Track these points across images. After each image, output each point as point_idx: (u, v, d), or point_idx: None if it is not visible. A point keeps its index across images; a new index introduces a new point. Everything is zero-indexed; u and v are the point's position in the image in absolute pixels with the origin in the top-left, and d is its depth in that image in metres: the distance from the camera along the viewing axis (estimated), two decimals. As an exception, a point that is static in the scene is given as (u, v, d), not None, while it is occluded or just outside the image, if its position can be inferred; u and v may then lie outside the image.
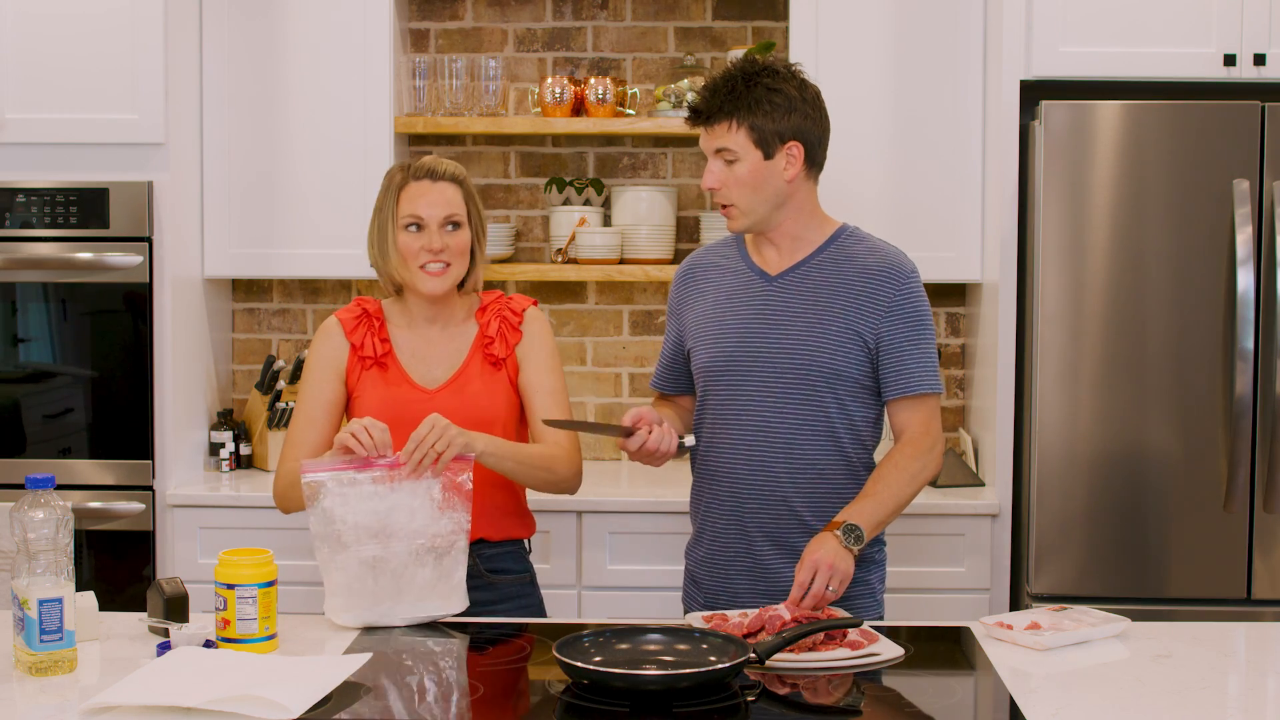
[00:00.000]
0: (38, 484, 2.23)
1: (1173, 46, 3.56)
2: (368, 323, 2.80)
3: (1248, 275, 3.40)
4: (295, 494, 2.64)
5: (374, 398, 2.74)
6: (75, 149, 3.74)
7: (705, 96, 2.66)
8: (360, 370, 2.77)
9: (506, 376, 2.77)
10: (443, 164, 2.77)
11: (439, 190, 2.73)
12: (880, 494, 2.59)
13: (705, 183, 2.69)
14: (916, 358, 2.68)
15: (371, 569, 2.48)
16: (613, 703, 2.09)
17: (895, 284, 2.68)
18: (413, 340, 2.79)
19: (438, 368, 2.77)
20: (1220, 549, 3.48)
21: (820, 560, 2.46)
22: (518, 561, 2.82)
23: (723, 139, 2.64)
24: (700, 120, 2.68)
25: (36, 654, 2.21)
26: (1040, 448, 3.51)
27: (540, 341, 2.80)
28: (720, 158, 2.66)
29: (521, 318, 2.80)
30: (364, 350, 2.77)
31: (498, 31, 4.26)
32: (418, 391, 2.74)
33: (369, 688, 2.19)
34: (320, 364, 2.79)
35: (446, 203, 2.73)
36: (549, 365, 2.79)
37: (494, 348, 2.76)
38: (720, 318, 2.73)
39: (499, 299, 2.84)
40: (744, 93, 2.63)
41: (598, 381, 4.29)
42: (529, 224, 4.29)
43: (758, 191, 2.65)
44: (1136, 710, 2.09)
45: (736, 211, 2.68)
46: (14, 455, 3.76)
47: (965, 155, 3.86)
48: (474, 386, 2.74)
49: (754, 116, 2.62)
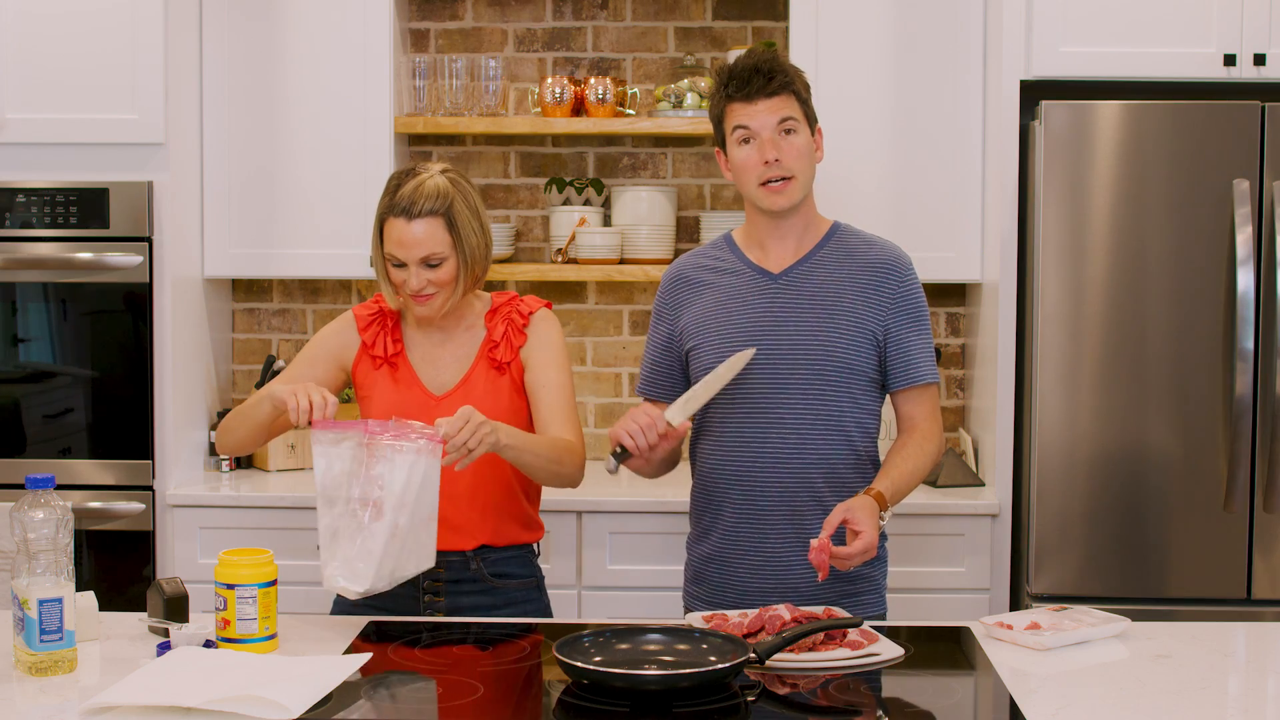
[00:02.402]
0: (38, 484, 2.23)
1: (1173, 46, 3.56)
2: (382, 321, 2.78)
3: (1248, 275, 3.40)
4: (235, 434, 2.69)
5: (382, 398, 2.74)
6: (75, 149, 3.74)
7: (765, 70, 2.63)
8: (371, 368, 2.77)
9: (511, 380, 2.74)
10: (422, 193, 2.63)
11: (414, 230, 2.62)
12: (904, 471, 2.65)
13: (768, 154, 2.62)
14: (919, 348, 2.71)
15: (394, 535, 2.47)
16: (613, 703, 2.09)
17: (898, 277, 2.71)
18: (425, 342, 2.77)
19: (446, 371, 2.75)
20: (1220, 549, 3.48)
21: (857, 515, 2.49)
22: (523, 565, 2.80)
23: (788, 108, 2.64)
24: (764, 91, 2.63)
25: (36, 654, 2.21)
26: (1040, 448, 3.51)
27: (546, 341, 2.77)
28: (782, 128, 2.64)
29: (528, 320, 2.76)
30: (375, 349, 2.76)
31: (498, 31, 4.26)
32: (425, 396, 2.73)
33: (369, 688, 2.19)
34: (323, 346, 2.80)
35: (421, 243, 2.63)
36: (554, 363, 2.76)
37: (497, 352, 2.74)
38: (725, 318, 2.72)
39: (511, 301, 2.80)
40: (790, 69, 2.67)
41: (598, 381, 4.29)
42: (529, 224, 4.30)
43: (811, 164, 2.69)
44: (1136, 710, 2.09)
45: (796, 184, 2.66)
46: (14, 455, 3.76)
47: (965, 155, 3.86)
48: (478, 392, 2.71)
49: (802, 91, 2.68)
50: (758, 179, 2.66)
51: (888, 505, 2.58)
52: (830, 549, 2.45)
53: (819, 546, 2.44)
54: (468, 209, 2.67)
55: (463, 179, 2.71)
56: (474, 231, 2.67)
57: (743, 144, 2.66)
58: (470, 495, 2.70)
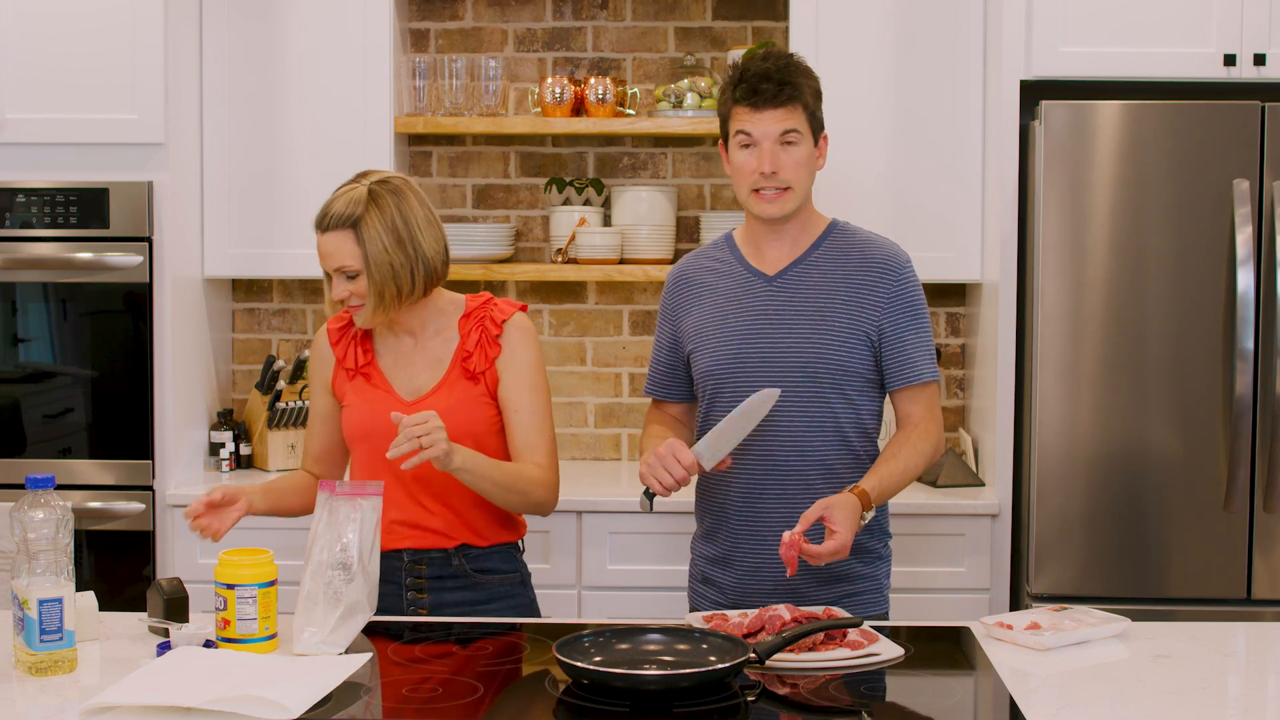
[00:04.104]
0: (38, 484, 2.23)
1: (1173, 46, 3.56)
2: (352, 332, 2.78)
3: (1248, 275, 3.40)
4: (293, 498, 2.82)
5: (357, 408, 2.75)
6: (75, 149, 3.74)
7: (777, 78, 2.62)
8: (346, 380, 2.77)
9: (485, 389, 2.72)
10: (335, 207, 2.62)
11: (326, 242, 2.63)
12: (894, 469, 2.63)
13: (766, 165, 2.62)
14: (917, 347, 2.70)
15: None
16: (613, 703, 2.09)
17: (894, 275, 2.70)
18: (395, 348, 2.76)
19: (419, 377, 2.74)
20: (1220, 549, 3.48)
21: (835, 514, 2.48)
22: (506, 561, 2.78)
23: (793, 119, 2.64)
24: (772, 102, 2.62)
25: (36, 654, 2.21)
26: (1040, 448, 3.51)
27: (520, 354, 2.72)
28: (783, 140, 2.64)
29: (501, 329, 2.72)
30: (346, 361, 2.77)
31: (498, 31, 4.26)
32: (397, 402, 2.72)
33: (369, 688, 2.20)
34: (313, 377, 2.86)
35: (331, 255, 2.63)
36: (529, 382, 2.72)
37: (471, 362, 2.71)
38: (722, 320, 2.73)
39: (485, 305, 2.76)
40: (802, 78, 2.65)
41: (597, 381, 4.29)
42: (529, 224, 4.30)
43: (810, 175, 2.69)
44: (1136, 710, 2.09)
45: (793, 195, 2.66)
46: (14, 455, 3.76)
47: (965, 155, 3.86)
48: (452, 400, 2.69)
49: (809, 101, 2.66)
50: (751, 185, 2.66)
51: (872, 504, 2.57)
52: (801, 545, 2.44)
53: (789, 542, 2.44)
54: (382, 224, 2.61)
55: (392, 193, 2.64)
56: (384, 247, 2.60)
57: (743, 148, 2.66)
58: (444, 498, 2.70)
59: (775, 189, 2.65)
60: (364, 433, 2.72)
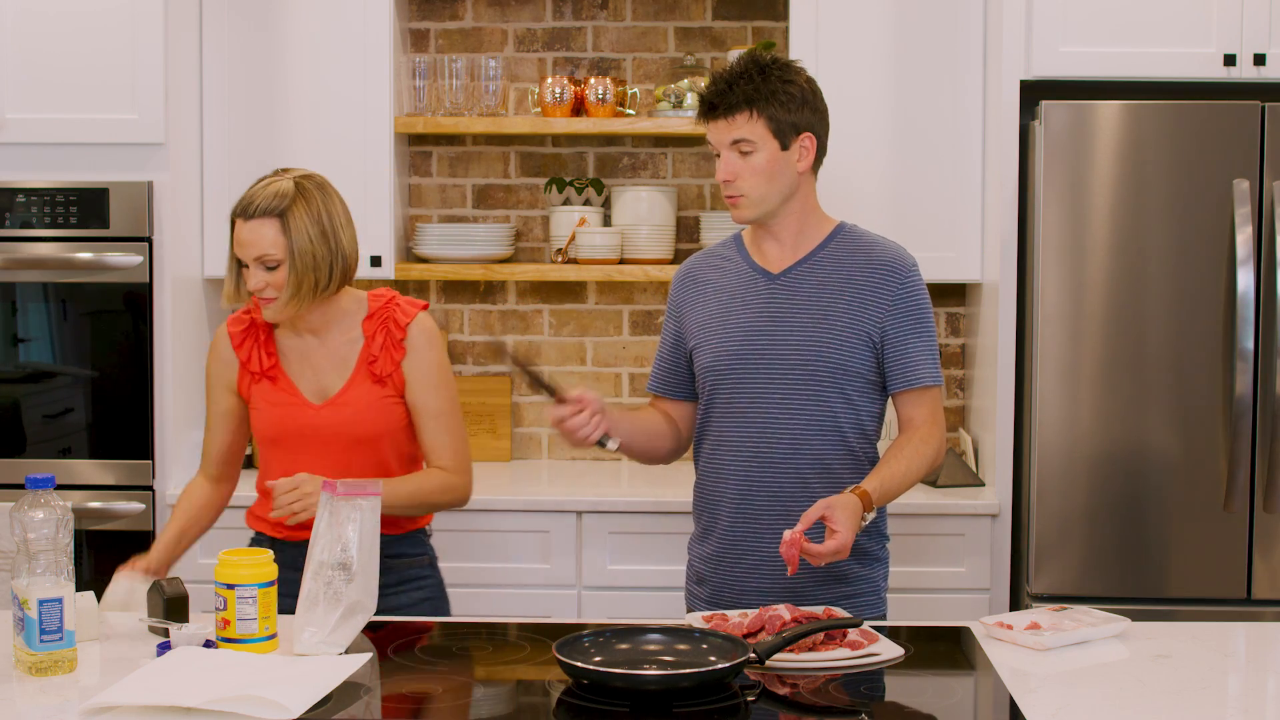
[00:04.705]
0: (38, 484, 2.23)
1: (1173, 46, 3.56)
2: (254, 334, 2.79)
3: (1248, 275, 3.40)
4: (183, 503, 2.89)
5: (264, 411, 2.77)
6: (75, 149, 3.74)
7: (722, 88, 2.65)
8: (252, 383, 2.78)
9: (394, 389, 2.74)
10: (260, 197, 2.64)
11: (250, 230, 2.64)
12: (895, 471, 2.62)
13: (720, 175, 2.67)
14: (920, 350, 2.70)
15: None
16: (612, 703, 2.09)
17: (898, 278, 2.70)
18: (299, 348, 2.77)
19: (325, 378, 2.75)
20: (1220, 549, 3.48)
21: (836, 514, 2.47)
22: (414, 545, 2.83)
23: (741, 129, 2.64)
24: (717, 113, 2.66)
25: (36, 654, 2.21)
26: (1040, 448, 3.51)
27: (424, 356, 2.75)
28: (736, 149, 2.65)
29: (405, 333, 2.74)
30: (251, 365, 2.78)
31: (498, 31, 4.26)
32: (304, 406, 2.74)
33: (369, 688, 2.20)
34: (212, 379, 2.85)
35: (254, 243, 2.63)
36: (435, 383, 2.75)
37: (377, 366, 2.73)
38: (724, 317, 2.73)
39: (388, 305, 2.77)
40: (761, 84, 2.64)
41: (598, 381, 4.29)
42: (529, 224, 4.30)
43: (772, 182, 2.67)
44: (1136, 710, 2.09)
45: (746, 201, 2.67)
46: (14, 455, 3.76)
47: (965, 155, 3.86)
48: (359, 403, 2.72)
49: (772, 107, 2.64)
50: (723, 190, 2.71)
51: (873, 505, 2.56)
52: (802, 544, 2.44)
53: (790, 541, 2.43)
54: (308, 216, 2.65)
55: (318, 189, 2.68)
56: (310, 239, 2.63)
57: (716, 156, 2.71)
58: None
59: (731, 196, 2.69)
60: (273, 437, 2.76)
